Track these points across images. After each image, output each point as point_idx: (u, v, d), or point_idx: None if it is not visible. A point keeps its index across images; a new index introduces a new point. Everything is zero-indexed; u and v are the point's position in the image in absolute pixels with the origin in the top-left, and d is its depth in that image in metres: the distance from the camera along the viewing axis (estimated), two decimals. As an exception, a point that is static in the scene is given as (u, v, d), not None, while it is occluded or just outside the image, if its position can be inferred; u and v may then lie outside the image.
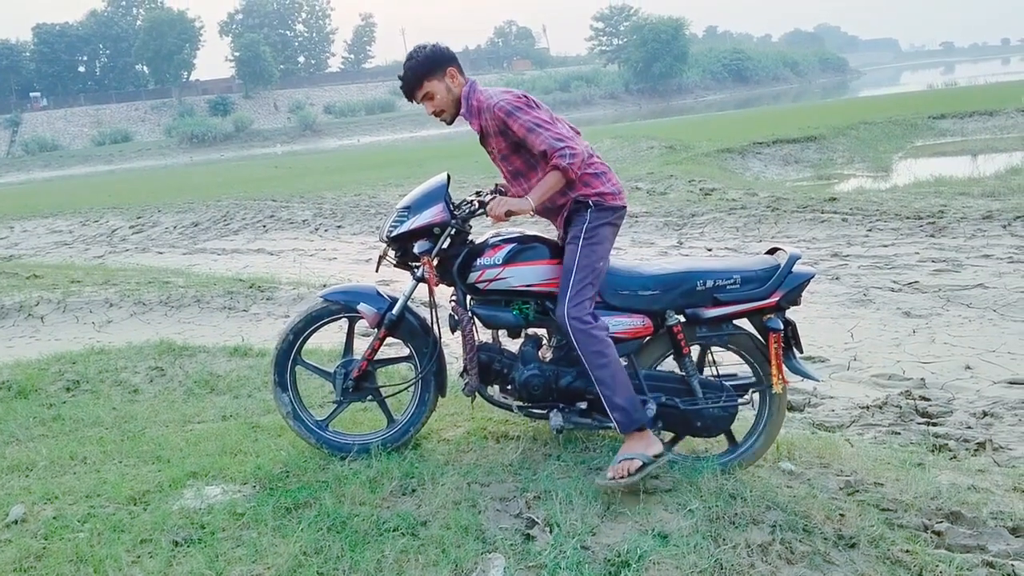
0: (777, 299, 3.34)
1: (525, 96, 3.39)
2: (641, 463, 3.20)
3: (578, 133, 3.50)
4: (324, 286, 8.66)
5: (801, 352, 3.49)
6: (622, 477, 3.17)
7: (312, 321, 3.73)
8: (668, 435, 3.62)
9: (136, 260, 12.79)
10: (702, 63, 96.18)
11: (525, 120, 3.29)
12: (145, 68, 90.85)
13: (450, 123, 3.58)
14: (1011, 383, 4.97)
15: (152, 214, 17.10)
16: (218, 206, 16.97)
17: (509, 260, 3.45)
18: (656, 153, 20.51)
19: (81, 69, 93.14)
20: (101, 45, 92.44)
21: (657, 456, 3.25)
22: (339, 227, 13.79)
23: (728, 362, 3.69)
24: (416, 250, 3.51)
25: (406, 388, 3.82)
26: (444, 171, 3.77)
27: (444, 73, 3.42)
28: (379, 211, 14.47)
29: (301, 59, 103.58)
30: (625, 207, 3.52)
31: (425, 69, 3.41)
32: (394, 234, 3.53)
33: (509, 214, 3.30)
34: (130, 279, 9.48)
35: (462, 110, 3.47)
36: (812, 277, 3.41)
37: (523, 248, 3.48)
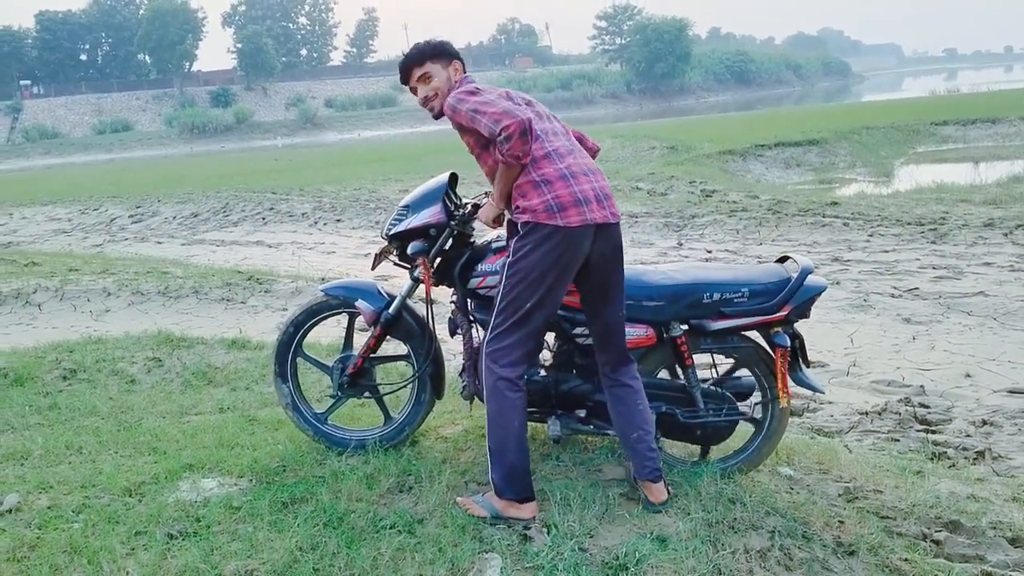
0: (786, 313, 3.27)
1: (476, 87, 3.04)
2: (489, 516, 3.05)
3: (570, 141, 3.14)
4: (323, 280, 8.64)
5: (808, 365, 3.44)
6: (468, 512, 3.09)
7: (312, 314, 3.73)
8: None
9: (135, 250, 12.77)
10: (705, 64, 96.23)
11: (466, 109, 2.94)
12: (147, 58, 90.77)
13: (436, 117, 3.29)
14: (1011, 392, 4.97)
15: (151, 204, 17.08)
16: (218, 197, 16.95)
17: None
18: (657, 154, 20.50)
19: (83, 57, 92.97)
20: (103, 34, 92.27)
21: (513, 518, 3.02)
22: (338, 221, 13.77)
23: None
24: (409, 251, 3.45)
25: (402, 387, 3.80)
26: (447, 168, 3.73)
27: (449, 63, 3.22)
28: (379, 206, 14.44)
29: (303, 52, 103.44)
30: (571, 228, 2.88)
31: (433, 51, 3.22)
32: (392, 232, 3.51)
33: (496, 220, 3.22)
34: (128, 269, 9.46)
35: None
36: (823, 290, 3.34)
37: None
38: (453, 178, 3.61)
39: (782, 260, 3.49)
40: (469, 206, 3.46)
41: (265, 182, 19.54)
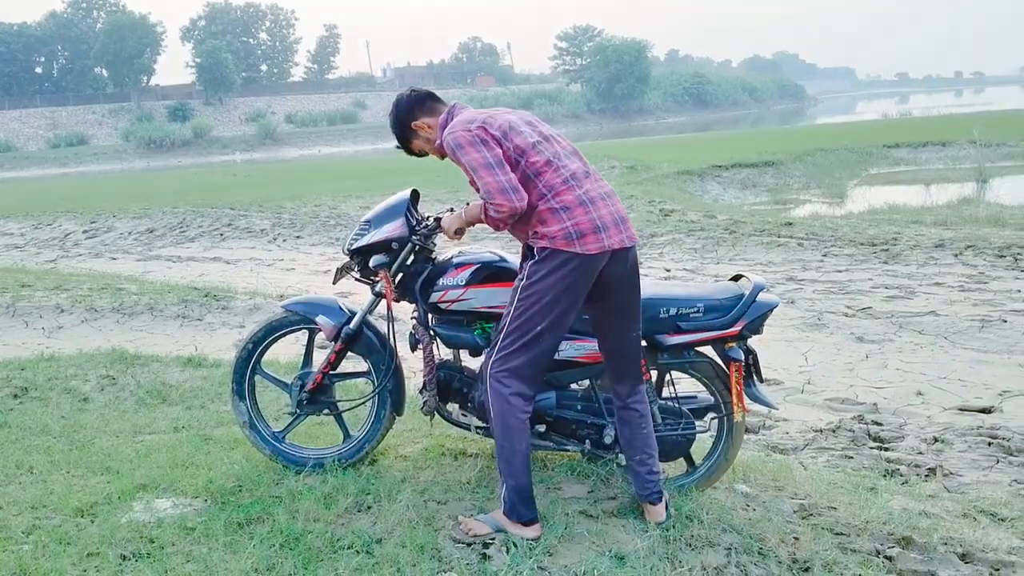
0: (740, 328, 3.34)
1: (483, 127, 3.00)
2: (492, 532, 3.06)
3: (582, 162, 3.14)
4: (281, 297, 8.56)
5: (761, 381, 3.50)
6: (469, 532, 3.07)
7: (272, 331, 3.70)
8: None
9: (89, 265, 12.55)
10: (663, 86, 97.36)
11: (466, 161, 2.96)
12: (104, 71, 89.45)
13: (442, 159, 3.30)
14: (961, 410, 5.07)
15: (107, 219, 16.80)
16: (174, 213, 16.74)
17: (472, 281, 3.41)
18: (617, 173, 20.67)
19: (38, 70, 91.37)
20: (60, 46, 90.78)
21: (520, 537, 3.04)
22: (298, 237, 13.68)
23: (687, 384, 3.71)
24: (371, 264, 3.47)
25: (362, 403, 3.78)
26: (407, 184, 3.74)
27: (414, 132, 3.27)
28: (339, 222, 14.38)
29: (263, 67, 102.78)
30: (588, 255, 2.91)
31: (401, 136, 3.31)
32: (354, 247, 3.51)
33: (458, 232, 3.25)
34: (82, 285, 9.29)
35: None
36: (775, 306, 3.42)
37: (487, 269, 3.43)
38: (415, 195, 3.62)
39: (736, 279, 3.56)
40: (431, 219, 3.47)
41: (223, 197, 19.33)
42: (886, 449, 4.55)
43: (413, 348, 3.53)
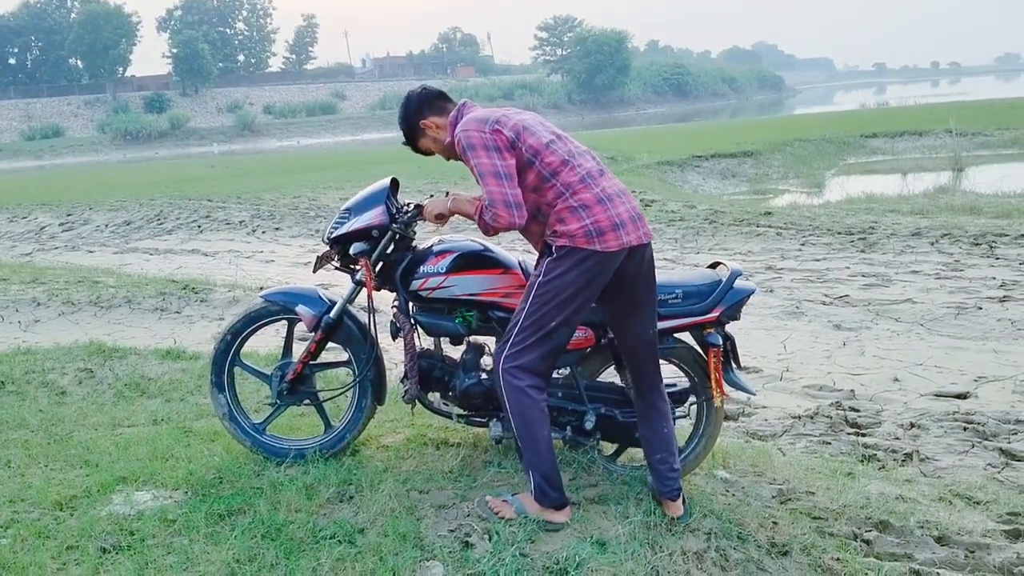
0: (717, 314, 3.36)
1: (497, 129, 3.00)
2: (518, 517, 3.07)
3: (596, 160, 3.16)
4: (261, 289, 8.52)
5: (739, 367, 3.53)
6: (496, 512, 3.11)
7: (251, 321, 3.68)
8: (612, 446, 3.65)
9: (65, 258, 12.43)
10: (644, 76, 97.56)
11: (476, 163, 2.97)
12: (79, 62, 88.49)
13: (448, 159, 3.34)
14: (937, 395, 5.13)
15: (83, 212, 16.66)
16: (152, 205, 16.62)
17: (453, 269, 3.40)
18: (598, 163, 20.66)
19: (12, 61, 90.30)
20: (33, 37, 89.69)
21: (550, 522, 3.06)
22: (277, 229, 13.61)
23: (667, 371, 3.72)
24: (351, 252, 3.46)
25: (343, 393, 3.77)
26: (388, 175, 3.73)
27: (422, 131, 3.26)
28: (319, 214, 14.31)
29: (241, 58, 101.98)
30: (607, 252, 2.93)
31: (408, 133, 3.29)
32: (334, 235, 3.50)
33: (440, 217, 3.25)
34: (59, 278, 9.21)
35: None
36: (752, 293, 3.44)
37: (467, 257, 3.43)
38: (394, 183, 3.62)
39: (713, 266, 3.59)
40: (412, 206, 3.45)
41: (201, 189, 19.20)
42: (863, 435, 4.60)
43: (394, 337, 3.52)
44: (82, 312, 7.85)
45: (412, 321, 3.49)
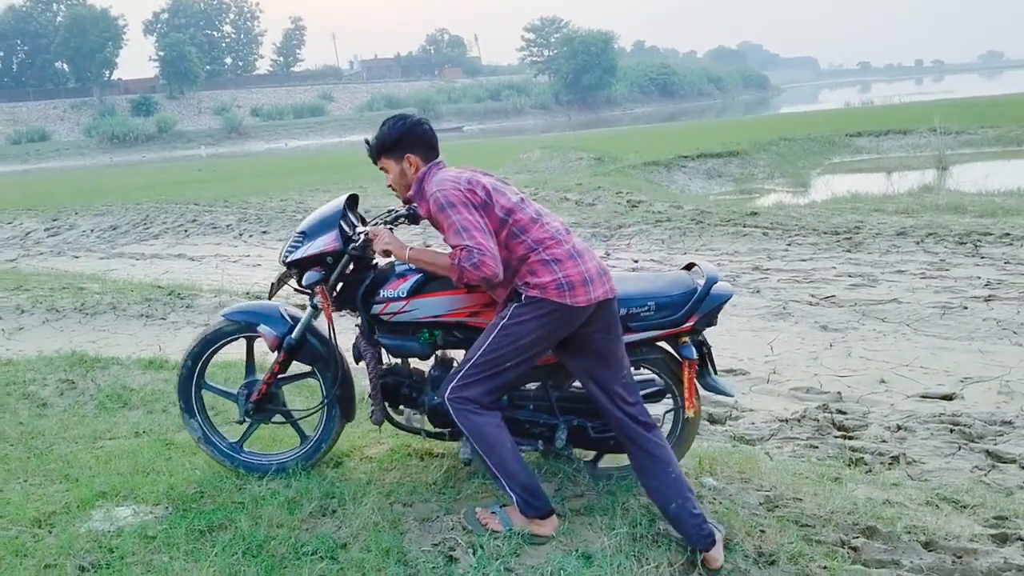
0: (693, 323, 3.30)
1: (471, 189, 3.04)
2: (505, 531, 3.05)
3: (560, 221, 3.19)
4: (247, 294, 8.48)
5: (715, 372, 3.48)
6: (484, 524, 3.10)
7: (208, 344, 3.61)
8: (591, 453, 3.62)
9: (51, 264, 12.35)
10: (630, 77, 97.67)
11: (456, 219, 2.96)
12: (65, 66, 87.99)
13: (404, 201, 3.34)
14: (923, 397, 5.13)
15: (68, 216, 16.54)
16: (138, 209, 16.51)
17: (414, 292, 3.31)
18: (585, 164, 20.68)
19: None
20: (19, 41, 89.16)
21: (536, 535, 3.04)
22: (264, 233, 13.54)
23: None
24: (304, 282, 3.37)
25: (310, 415, 3.70)
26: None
27: (402, 157, 3.21)
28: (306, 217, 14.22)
29: (228, 60, 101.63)
30: (576, 307, 2.96)
31: (386, 146, 3.23)
32: (288, 260, 3.44)
33: (386, 253, 3.21)
34: (43, 284, 9.14)
35: (412, 191, 3.22)
36: (730, 297, 3.37)
37: (429, 279, 3.32)
38: (352, 199, 3.56)
39: (688, 267, 3.54)
40: (362, 237, 3.33)
41: (188, 193, 19.08)
42: (850, 438, 4.59)
43: (357, 360, 3.46)
44: (67, 319, 7.78)
45: (375, 344, 3.42)
